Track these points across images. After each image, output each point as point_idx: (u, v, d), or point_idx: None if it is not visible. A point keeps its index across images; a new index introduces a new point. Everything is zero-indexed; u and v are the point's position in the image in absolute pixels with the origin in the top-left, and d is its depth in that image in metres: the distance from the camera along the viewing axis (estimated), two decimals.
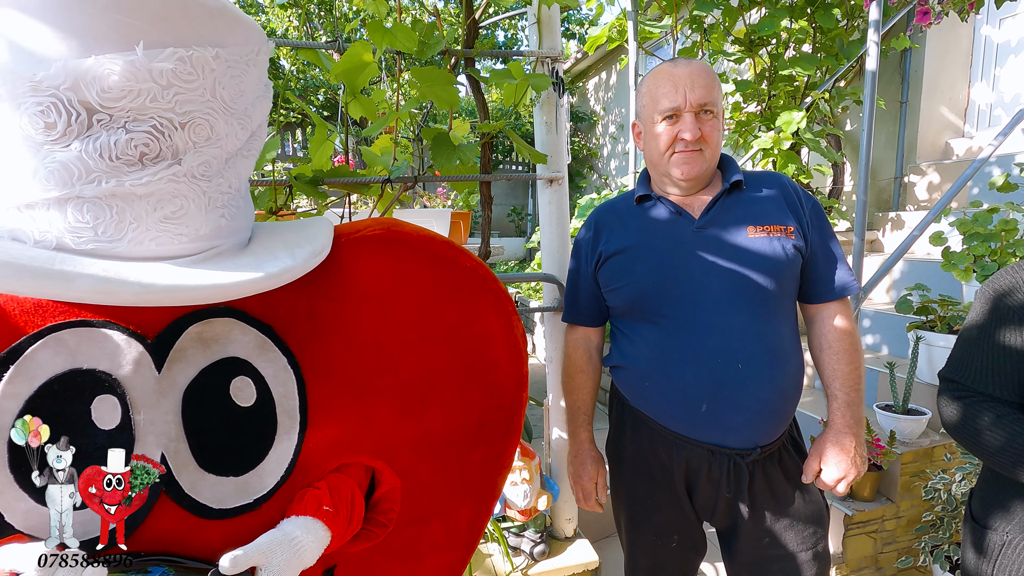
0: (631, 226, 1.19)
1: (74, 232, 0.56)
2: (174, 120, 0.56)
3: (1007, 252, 2.10)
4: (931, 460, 2.09)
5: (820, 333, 1.17)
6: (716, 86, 1.11)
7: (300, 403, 0.71)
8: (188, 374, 0.64)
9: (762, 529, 1.15)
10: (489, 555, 1.74)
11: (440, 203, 3.23)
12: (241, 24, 0.61)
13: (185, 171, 0.58)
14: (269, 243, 0.69)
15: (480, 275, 0.83)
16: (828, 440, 1.13)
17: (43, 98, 0.52)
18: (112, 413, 0.60)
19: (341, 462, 0.75)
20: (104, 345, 0.60)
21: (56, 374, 0.58)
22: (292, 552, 0.64)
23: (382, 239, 0.77)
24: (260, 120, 0.68)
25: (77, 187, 0.55)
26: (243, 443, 0.68)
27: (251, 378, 0.67)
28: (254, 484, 0.68)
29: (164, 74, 0.54)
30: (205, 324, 0.65)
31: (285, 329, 0.70)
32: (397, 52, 1.33)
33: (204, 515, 0.65)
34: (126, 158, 0.55)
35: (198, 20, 0.56)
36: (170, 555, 0.64)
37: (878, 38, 2.01)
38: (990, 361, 1.04)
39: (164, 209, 0.58)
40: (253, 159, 0.69)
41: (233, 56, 0.59)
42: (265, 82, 0.67)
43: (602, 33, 3.28)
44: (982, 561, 1.07)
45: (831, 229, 1.18)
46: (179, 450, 0.63)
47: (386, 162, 1.52)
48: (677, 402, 1.11)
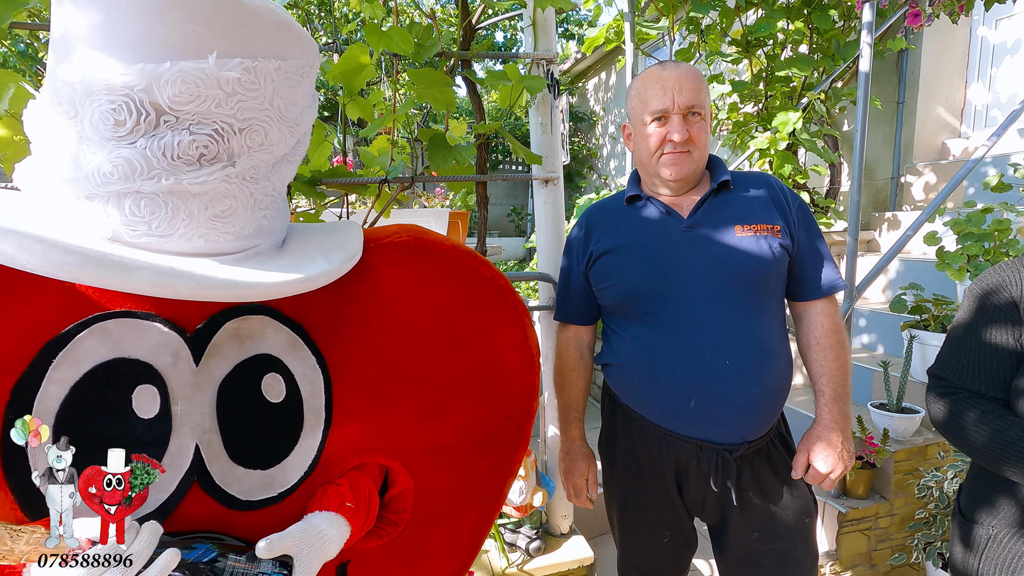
0: (621, 226, 1.21)
1: (129, 225, 0.58)
2: (234, 125, 0.59)
3: (1000, 252, 2.11)
4: (924, 458, 2.10)
5: (807, 330, 1.19)
6: (704, 89, 1.13)
7: (326, 402, 0.73)
8: (224, 368, 0.66)
9: (751, 524, 1.17)
10: (485, 551, 1.76)
11: (438, 203, 3.25)
12: (302, 39, 0.65)
13: (238, 173, 0.61)
14: (304, 246, 0.72)
15: (499, 286, 0.84)
16: (815, 435, 1.15)
17: (116, 97, 0.55)
18: (152, 403, 0.62)
19: (360, 460, 0.77)
20: (147, 336, 0.62)
21: (101, 362, 0.60)
22: (319, 544, 0.66)
23: (409, 247, 0.79)
24: (306, 128, 0.71)
25: (138, 182, 0.57)
26: (271, 438, 0.69)
27: (281, 375, 0.69)
28: (279, 478, 0.70)
29: (231, 82, 0.57)
30: (241, 321, 0.67)
31: (314, 330, 0.72)
32: (394, 54, 1.35)
33: (232, 506, 0.67)
34: (186, 158, 0.58)
35: (265, 34, 0.60)
36: (211, 533, 0.66)
37: (871, 40, 2.02)
38: (976, 358, 1.05)
39: (215, 207, 0.61)
40: (296, 165, 0.72)
41: (292, 68, 0.63)
42: (313, 93, 0.71)
43: (599, 34, 3.29)
44: (969, 555, 1.09)
45: (817, 228, 1.20)
46: (212, 442, 0.65)
47: (383, 162, 1.53)
48: (666, 399, 1.13)
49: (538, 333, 2.71)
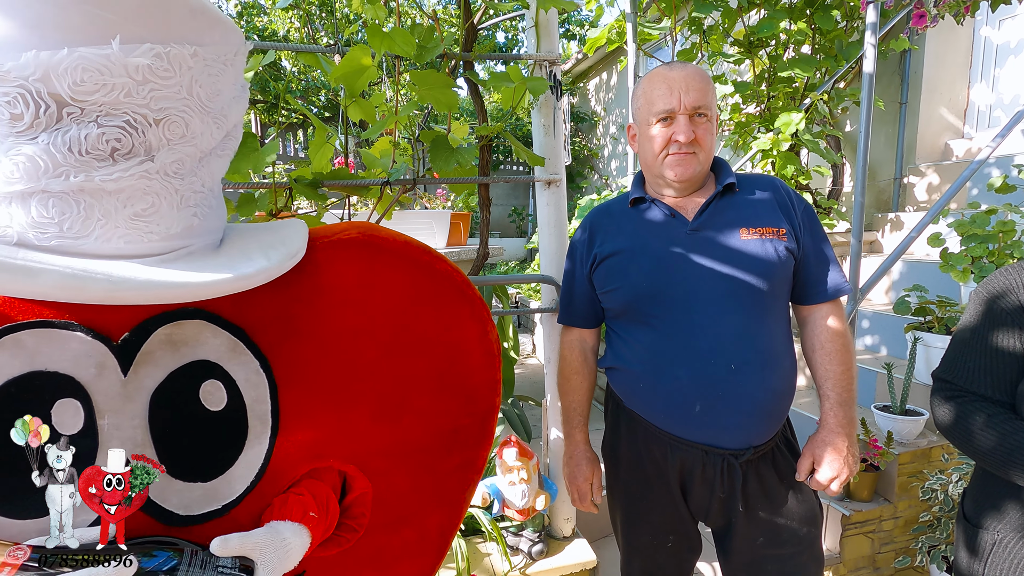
0: (625, 228, 1.20)
1: (38, 228, 0.54)
2: (148, 116, 0.55)
3: (1005, 253, 2.11)
4: (928, 461, 2.09)
5: (812, 334, 1.18)
6: (710, 90, 1.12)
7: (272, 407, 0.69)
8: (156, 377, 0.62)
9: (756, 529, 1.16)
10: (487, 554, 1.75)
11: (440, 205, 3.24)
12: (220, 24, 0.60)
13: (158, 168, 0.57)
14: (243, 244, 0.68)
15: (456, 281, 0.82)
16: (821, 440, 1.14)
17: (10, 88, 0.51)
18: (75, 417, 0.58)
19: (312, 467, 0.74)
20: (66, 347, 0.58)
21: (12, 376, 0.56)
22: (283, 551, 0.63)
23: (358, 243, 0.76)
24: (235, 120, 0.67)
25: (43, 181, 0.53)
26: (212, 448, 0.66)
27: (222, 382, 0.66)
28: (223, 490, 0.66)
29: (140, 69, 0.53)
30: (175, 326, 0.63)
31: (258, 332, 0.69)
32: (396, 56, 1.35)
33: (169, 522, 0.64)
34: (96, 153, 0.54)
35: (177, 17, 0.56)
36: (167, 538, 0.63)
37: (875, 41, 2.01)
38: (983, 362, 1.04)
39: (135, 206, 0.57)
40: (227, 159, 0.68)
41: (211, 55, 0.58)
42: (242, 83, 0.67)
43: (601, 35, 3.29)
44: (974, 560, 1.08)
45: (823, 231, 1.19)
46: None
47: (385, 164, 1.53)
48: (671, 403, 1.12)
49: (540, 336, 2.67)
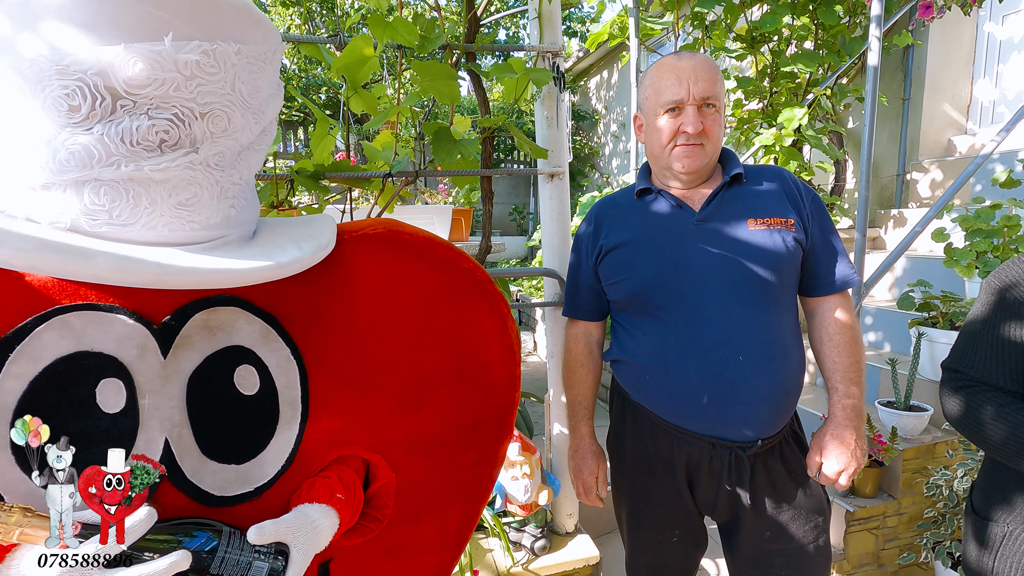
0: (631, 220, 1.19)
1: (89, 214, 0.57)
2: (195, 110, 0.58)
3: (1009, 248, 2.10)
4: (933, 456, 2.08)
5: (821, 326, 1.17)
6: (719, 80, 1.11)
7: (302, 394, 0.71)
8: (193, 360, 0.65)
9: (763, 523, 1.15)
10: (490, 550, 1.74)
11: (441, 200, 3.23)
12: (263, 24, 0.64)
13: (201, 159, 0.60)
14: (275, 237, 0.71)
15: (477, 277, 0.84)
16: (828, 433, 1.13)
17: (69, 81, 0.53)
18: (117, 396, 0.61)
19: (339, 454, 0.76)
20: (110, 329, 0.61)
21: (61, 356, 0.58)
22: (314, 533, 0.65)
23: (384, 238, 0.79)
24: (272, 116, 0.70)
25: (96, 170, 0.56)
26: (245, 432, 0.68)
27: (255, 367, 0.68)
28: (255, 473, 0.68)
29: (189, 65, 0.56)
30: (211, 312, 0.65)
31: (288, 321, 0.71)
32: (398, 47, 1.33)
33: (205, 502, 0.65)
34: (146, 143, 0.56)
35: (224, 17, 0.59)
36: (203, 519, 0.64)
37: (880, 33, 2.00)
38: (994, 351, 1.04)
39: (179, 195, 0.60)
40: (263, 154, 0.71)
41: (253, 53, 0.62)
42: (278, 81, 0.70)
43: (604, 30, 3.28)
44: (984, 553, 1.07)
45: (831, 223, 1.18)
46: (182, 436, 0.64)
47: (387, 157, 1.52)
48: (678, 396, 1.11)
49: (542, 332, 2.67)
